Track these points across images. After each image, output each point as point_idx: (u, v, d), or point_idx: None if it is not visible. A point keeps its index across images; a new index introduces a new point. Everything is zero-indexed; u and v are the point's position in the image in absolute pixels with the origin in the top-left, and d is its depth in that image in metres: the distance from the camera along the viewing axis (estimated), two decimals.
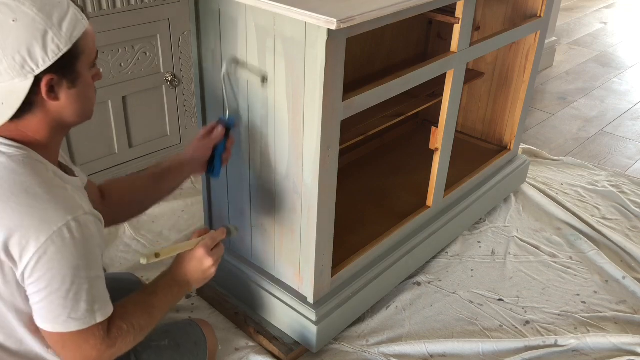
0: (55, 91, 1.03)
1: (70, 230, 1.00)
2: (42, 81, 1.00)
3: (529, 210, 2.33)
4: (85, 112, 1.11)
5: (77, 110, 1.08)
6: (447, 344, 1.70)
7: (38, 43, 0.98)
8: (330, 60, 1.26)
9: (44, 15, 0.98)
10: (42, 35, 0.98)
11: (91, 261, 1.05)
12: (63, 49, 1.00)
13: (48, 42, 0.98)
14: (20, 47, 0.97)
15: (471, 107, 2.38)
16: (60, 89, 1.03)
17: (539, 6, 2.03)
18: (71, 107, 1.06)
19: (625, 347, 1.72)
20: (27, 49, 0.97)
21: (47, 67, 0.99)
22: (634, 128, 3.08)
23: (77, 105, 1.07)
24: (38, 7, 0.98)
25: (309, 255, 1.51)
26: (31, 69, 0.98)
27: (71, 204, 1.03)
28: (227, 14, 1.40)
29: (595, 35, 4.42)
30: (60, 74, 1.02)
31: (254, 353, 1.64)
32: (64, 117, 1.07)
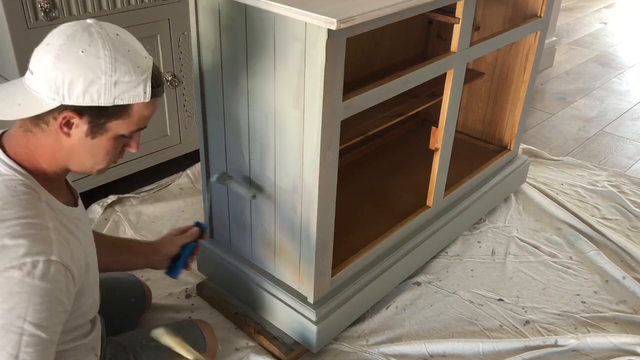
0: (70, 128, 1.02)
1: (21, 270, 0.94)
2: (64, 112, 1.00)
3: (529, 210, 2.33)
4: (90, 168, 1.10)
5: (82, 159, 1.07)
6: (447, 344, 1.70)
7: (84, 81, 0.98)
8: (330, 60, 1.26)
9: (110, 65, 0.99)
10: (93, 78, 0.98)
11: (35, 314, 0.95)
12: (102, 102, 1.00)
13: (92, 87, 0.98)
14: (67, 73, 0.97)
15: (471, 107, 2.38)
16: (76, 130, 1.02)
17: (539, 6, 2.03)
18: (79, 152, 1.05)
19: (625, 347, 1.72)
20: (71, 79, 0.98)
21: (76, 105, 0.99)
22: (634, 128, 3.08)
23: (85, 155, 1.06)
24: (112, 57, 0.99)
25: (309, 255, 1.51)
26: (62, 95, 0.98)
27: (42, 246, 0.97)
28: (227, 14, 1.40)
29: (595, 35, 4.42)
30: (85, 119, 1.01)
31: (254, 353, 1.64)
32: (69, 157, 1.06)
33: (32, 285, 0.95)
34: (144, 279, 1.82)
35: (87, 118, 1.01)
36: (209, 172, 1.69)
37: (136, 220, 2.16)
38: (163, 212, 2.21)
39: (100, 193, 2.23)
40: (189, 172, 2.42)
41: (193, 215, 2.20)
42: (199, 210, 2.21)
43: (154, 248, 1.47)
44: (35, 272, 0.95)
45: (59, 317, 1.00)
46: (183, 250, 1.49)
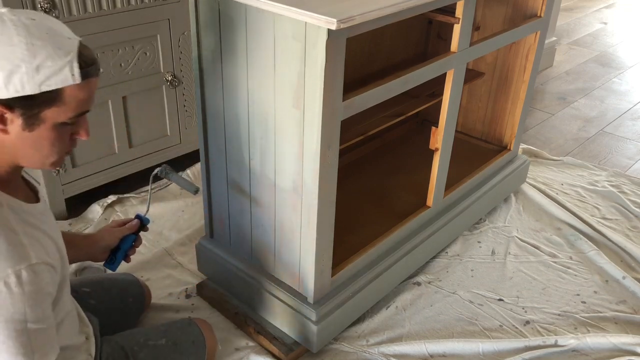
0: (5, 124, 0.97)
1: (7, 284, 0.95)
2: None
3: (529, 210, 2.33)
4: (40, 162, 1.04)
5: (28, 155, 1.02)
6: (447, 344, 1.70)
7: (3, 73, 0.92)
8: (330, 60, 1.26)
9: (26, 52, 0.93)
10: (12, 68, 0.92)
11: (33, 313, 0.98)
12: (27, 91, 0.94)
13: (14, 77, 0.92)
14: None
15: (471, 107, 2.38)
16: (11, 125, 0.97)
17: (539, 6, 2.03)
18: (22, 148, 1.01)
19: (625, 347, 1.72)
20: None
21: (3, 99, 0.94)
22: (634, 128, 3.08)
23: (29, 150, 1.01)
24: (28, 42, 0.93)
25: (309, 255, 1.51)
26: None
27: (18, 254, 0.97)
28: (227, 14, 1.40)
29: (595, 35, 4.42)
30: (17, 112, 0.96)
31: (254, 353, 1.64)
32: (15, 155, 1.02)
33: (22, 294, 0.97)
34: (143, 279, 1.82)
35: (19, 110, 0.95)
36: (209, 172, 1.69)
37: None
38: (163, 212, 2.21)
39: (100, 193, 2.23)
40: (189, 172, 2.42)
41: (193, 215, 2.20)
42: (199, 210, 2.21)
43: (92, 240, 1.44)
44: (22, 280, 0.96)
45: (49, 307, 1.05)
46: (122, 242, 1.47)
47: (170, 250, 2.03)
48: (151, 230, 2.12)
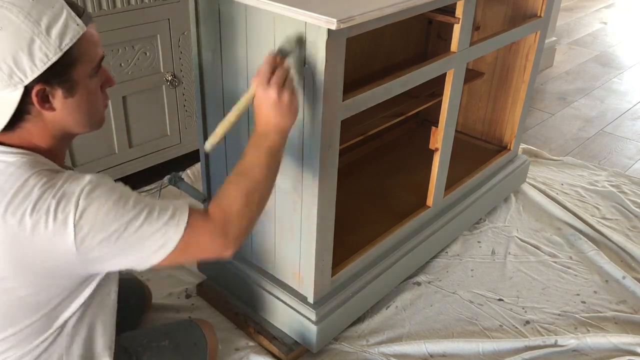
0: (50, 101, 1.00)
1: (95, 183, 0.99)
2: (33, 91, 0.97)
3: (529, 210, 2.33)
4: (91, 122, 1.08)
5: (78, 120, 1.05)
6: (447, 344, 1.70)
7: (24, 52, 0.94)
8: (330, 60, 1.26)
9: (30, 23, 0.94)
10: (28, 43, 0.94)
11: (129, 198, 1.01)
12: (52, 58, 0.96)
13: (35, 51, 0.95)
14: (6, 57, 0.94)
15: (471, 107, 2.38)
16: (55, 99, 1.00)
17: (539, 6, 2.03)
18: (71, 117, 1.03)
19: (625, 347, 1.72)
20: (13, 58, 0.94)
21: (37, 77, 0.96)
22: (634, 128, 3.08)
23: (78, 115, 1.04)
24: (25, 14, 0.95)
25: (309, 255, 1.51)
26: (20, 79, 0.95)
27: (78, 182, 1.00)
28: (227, 14, 1.40)
29: (595, 35, 4.42)
30: (54, 83, 0.98)
31: (254, 353, 1.64)
32: (66, 127, 1.05)
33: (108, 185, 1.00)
34: (143, 278, 1.82)
35: (55, 81, 0.98)
36: (209, 172, 1.69)
37: None
38: None
39: None
40: (189, 172, 2.42)
41: None
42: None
43: None
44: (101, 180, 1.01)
45: None
46: None
47: None
48: None
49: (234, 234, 1.08)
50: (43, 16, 0.96)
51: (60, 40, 0.96)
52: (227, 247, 1.08)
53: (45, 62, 0.96)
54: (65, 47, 0.97)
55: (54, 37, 0.96)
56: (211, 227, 1.06)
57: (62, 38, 0.97)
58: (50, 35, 0.96)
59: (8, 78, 0.95)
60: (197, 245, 1.05)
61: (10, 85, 0.95)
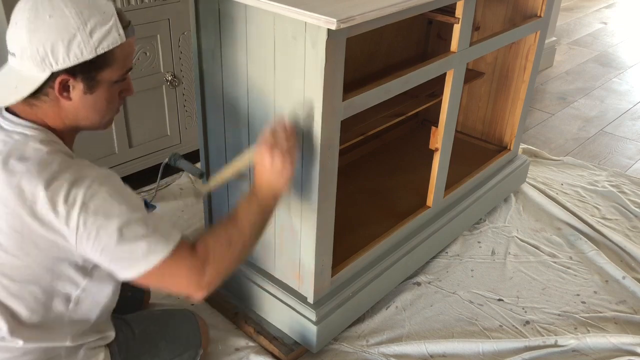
0: (69, 91, 1.07)
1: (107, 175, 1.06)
2: (57, 78, 1.04)
3: (529, 210, 2.33)
4: (100, 122, 1.15)
5: (89, 116, 1.12)
6: (447, 344, 1.70)
7: (63, 43, 1.01)
8: (330, 60, 1.26)
9: (79, 20, 1.02)
10: (70, 37, 1.02)
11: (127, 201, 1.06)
12: (86, 56, 1.03)
13: (73, 46, 1.02)
14: (45, 42, 1.01)
15: (471, 107, 2.38)
16: (74, 91, 1.07)
17: (539, 6, 2.03)
18: (83, 111, 1.10)
19: (625, 347, 1.72)
20: (52, 45, 1.01)
21: (66, 68, 1.03)
22: (634, 128, 3.08)
23: (90, 112, 1.11)
24: (77, 11, 1.02)
25: (309, 255, 1.51)
26: (50, 64, 1.02)
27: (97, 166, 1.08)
28: (227, 14, 1.40)
29: (595, 35, 4.42)
30: (79, 78, 1.06)
31: (254, 353, 1.64)
32: (77, 118, 1.11)
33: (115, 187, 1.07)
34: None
35: (80, 76, 1.05)
36: (209, 172, 1.69)
37: None
38: (163, 212, 2.21)
39: None
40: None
41: (193, 215, 2.20)
42: (199, 210, 2.21)
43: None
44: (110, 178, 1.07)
45: None
46: None
47: None
48: None
49: (210, 274, 1.12)
50: (92, 17, 1.03)
51: (98, 43, 1.04)
52: (200, 286, 1.11)
53: (78, 58, 1.03)
54: (100, 50, 1.05)
55: (94, 39, 1.04)
56: (193, 261, 1.10)
57: (100, 42, 1.04)
58: (92, 37, 1.03)
59: (41, 60, 1.02)
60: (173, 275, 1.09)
61: (39, 66, 1.03)
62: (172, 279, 1.09)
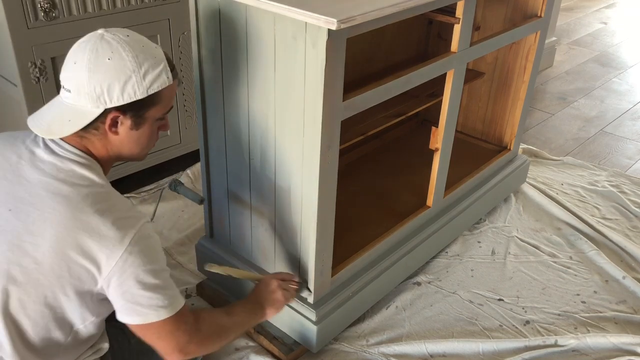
0: (117, 126, 1.16)
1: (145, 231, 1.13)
2: (110, 115, 1.13)
3: (529, 210, 2.33)
4: (140, 154, 1.24)
5: (132, 149, 1.21)
6: (447, 344, 1.70)
7: (119, 84, 1.10)
8: (330, 60, 1.26)
9: (135, 63, 1.11)
10: (126, 79, 1.11)
11: (162, 256, 1.17)
12: (138, 96, 1.12)
13: (128, 86, 1.11)
14: (103, 82, 1.10)
15: (471, 107, 2.38)
16: (122, 127, 1.16)
17: (539, 6, 2.03)
18: (128, 145, 1.19)
19: (625, 347, 1.72)
20: (108, 85, 1.10)
21: (119, 105, 1.12)
22: (634, 128, 3.08)
23: (134, 145, 1.20)
24: (134, 55, 1.12)
25: (309, 255, 1.51)
26: (104, 101, 1.11)
27: (138, 212, 1.17)
28: (227, 14, 1.40)
29: (595, 35, 4.42)
30: (127, 115, 1.15)
31: (254, 353, 1.64)
32: (120, 150, 1.20)
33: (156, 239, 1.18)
34: None
35: (130, 114, 1.15)
36: (209, 172, 1.69)
37: None
38: (163, 212, 2.21)
39: None
40: (189, 172, 2.42)
41: (193, 215, 2.20)
42: (199, 210, 2.22)
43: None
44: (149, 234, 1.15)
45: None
46: None
47: (170, 250, 2.03)
48: None
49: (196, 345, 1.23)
50: (146, 61, 1.13)
51: (150, 84, 1.14)
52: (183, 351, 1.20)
53: (131, 97, 1.12)
54: (151, 91, 1.14)
55: (147, 81, 1.13)
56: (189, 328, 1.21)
57: (152, 84, 1.14)
58: (145, 79, 1.13)
59: (97, 97, 1.11)
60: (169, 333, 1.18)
61: (94, 103, 1.12)
62: (166, 336, 1.17)
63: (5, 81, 1.96)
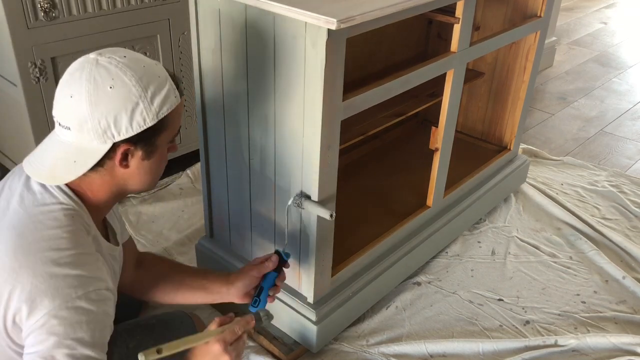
0: (128, 160, 1.04)
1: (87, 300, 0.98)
2: (119, 149, 1.01)
3: (529, 210, 2.33)
4: (150, 184, 1.12)
5: (142, 180, 1.09)
6: (447, 344, 1.70)
7: (126, 113, 0.98)
8: (330, 60, 1.26)
9: (140, 88, 0.99)
10: (133, 107, 0.99)
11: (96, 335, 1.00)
12: (148, 123, 1.01)
13: (136, 115, 0.99)
14: (108, 113, 0.98)
15: (471, 107, 2.38)
16: (133, 159, 1.05)
17: (539, 6, 2.03)
18: (138, 177, 1.08)
19: (625, 347, 1.72)
20: (114, 117, 0.98)
21: (128, 137, 1.00)
22: (634, 128, 3.08)
23: (145, 176, 1.09)
24: (137, 78, 1.00)
25: (309, 255, 1.51)
26: (112, 135, 0.99)
27: (97, 276, 1.01)
28: (227, 14, 1.40)
29: (595, 35, 4.42)
30: (139, 145, 1.03)
31: (254, 353, 1.64)
32: (127, 185, 1.08)
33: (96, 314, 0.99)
34: None
35: (141, 144, 1.03)
36: (209, 172, 1.69)
37: (136, 220, 2.16)
38: (163, 212, 2.21)
39: None
40: (189, 172, 2.42)
41: (193, 215, 2.20)
42: (199, 210, 2.21)
43: (229, 284, 1.39)
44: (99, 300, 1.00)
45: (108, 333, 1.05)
46: (264, 281, 1.39)
47: (170, 250, 2.03)
48: (151, 230, 2.12)
49: None
50: (151, 84, 1.01)
51: (159, 108, 1.02)
52: None
53: (141, 126, 1.00)
54: (161, 115, 1.02)
55: (155, 105, 1.01)
56: None
57: (161, 107, 1.02)
58: (153, 103, 1.01)
59: (102, 132, 0.99)
60: None
61: (100, 139, 0.99)
62: None
63: (5, 81, 1.96)
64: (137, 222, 2.15)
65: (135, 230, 2.11)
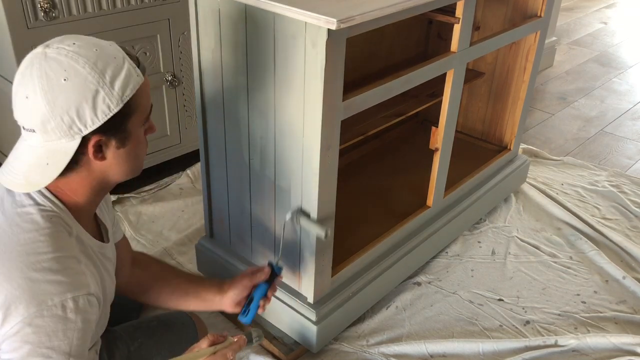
0: (102, 151, 0.99)
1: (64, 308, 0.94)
2: (90, 142, 0.97)
3: (529, 210, 2.33)
4: (132, 170, 1.07)
5: (123, 169, 1.04)
6: (447, 344, 1.70)
7: (88, 104, 0.93)
8: (330, 60, 1.26)
9: (96, 74, 0.94)
10: (93, 95, 0.93)
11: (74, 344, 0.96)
12: (114, 110, 0.95)
13: (98, 103, 0.94)
14: (69, 108, 0.93)
15: (471, 107, 2.38)
16: (107, 149, 1.00)
17: (539, 6, 2.03)
18: (118, 166, 1.03)
19: (625, 347, 1.72)
20: (76, 110, 0.93)
21: (96, 128, 0.95)
22: (634, 128, 3.08)
23: (124, 164, 1.04)
24: (91, 65, 0.94)
25: (309, 255, 1.51)
26: (79, 129, 0.94)
27: (77, 281, 0.97)
28: (227, 14, 1.40)
29: (595, 35, 4.42)
30: (110, 134, 0.98)
31: (254, 353, 1.64)
32: (108, 177, 1.04)
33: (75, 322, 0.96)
34: None
35: (111, 132, 0.98)
36: (209, 172, 1.69)
37: (136, 220, 2.16)
38: (163, 212, 2.21)
39: None
40: (189, 172, 2.42)
41: (193, 215, 2.20)
42: (199, 210, 2.21)
43: (222, 292, 1.38)
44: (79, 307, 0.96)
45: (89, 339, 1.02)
46: (255, 292, 1.39)
47: (170, 250, 2.03)
48: (151, 230, 2.12)
49: None
50: (108, 67, 0.95)
51: (122, 91, 0.96)
52: None
53: (107, 114, 0.95)
54: (126, 98, 0.96)
55: (117, 88, 0.95)
56: None
57: (124, 89, 0.96)
58: (114, 87, 0.95)
59: (68, 129, 0.94)
60: None
61: (68, 136, 0.95)
62: None
63: (5, 81, 1.96)
64: (137, 222, 2.15)
65: (135, 230, 2.11)
